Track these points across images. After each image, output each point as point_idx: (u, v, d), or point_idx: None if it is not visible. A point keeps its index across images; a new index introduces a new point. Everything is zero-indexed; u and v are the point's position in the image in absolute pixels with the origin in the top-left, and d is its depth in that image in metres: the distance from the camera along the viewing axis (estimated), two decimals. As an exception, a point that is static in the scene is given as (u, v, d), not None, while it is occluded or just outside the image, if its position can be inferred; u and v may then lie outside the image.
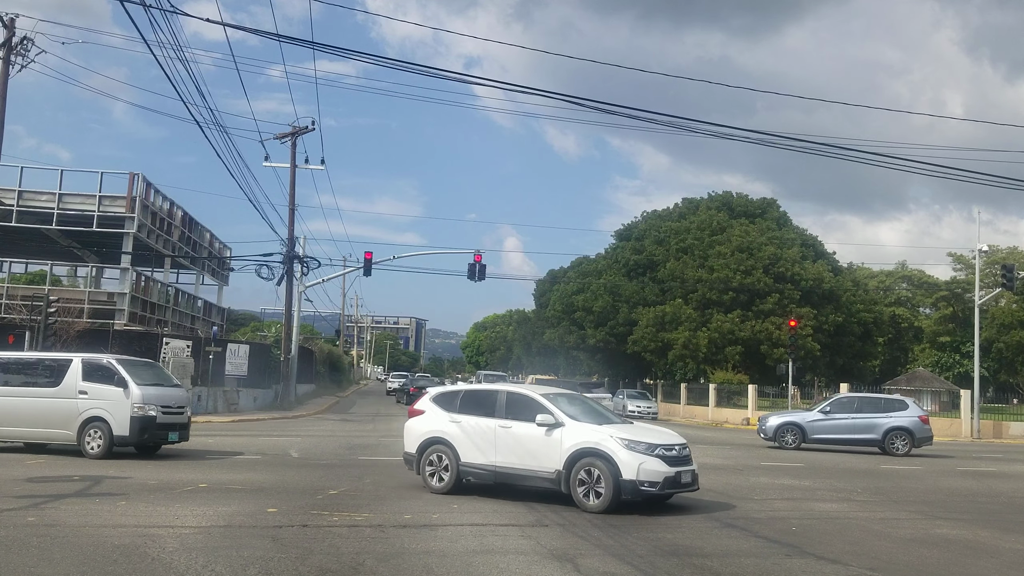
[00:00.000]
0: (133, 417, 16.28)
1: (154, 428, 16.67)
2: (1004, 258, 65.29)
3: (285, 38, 16.04)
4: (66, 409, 16.53)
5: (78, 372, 16.71)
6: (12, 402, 16.94)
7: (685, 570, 8.49)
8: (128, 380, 16.48)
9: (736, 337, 53.17)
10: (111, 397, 16.40)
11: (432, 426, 13.41)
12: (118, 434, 16.23)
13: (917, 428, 25.57)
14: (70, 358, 17.23)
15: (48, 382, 17.03)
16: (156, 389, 17.04)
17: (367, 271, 40.22)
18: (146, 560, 8.07)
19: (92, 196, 36.43)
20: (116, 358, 17.39)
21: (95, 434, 16.34)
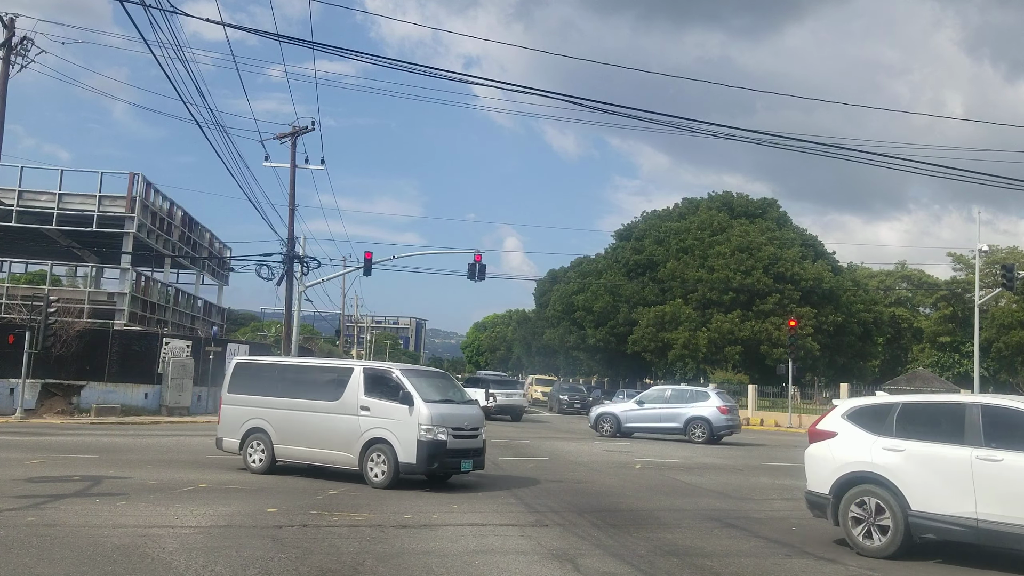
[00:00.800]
0: (420, 441, 13.48)
1: (444, 455, 13.75)
2: (1004, 258, 65.25)
3: (285, 38, 16.04)
4: (347, 428, 14.20)
5: (359, 384, 14.35)
6: (293, 416, 14.87)
7: (685, 570, 8.49)
8: (414, 395, 13.77)
9: (736, 337, 53.18)
10: (395, 415, 13.78)
11: (854, 455, 9.84)
12: (403, 461, 13.54)
13: (715, 418, 27.13)
14: (351, 367, 14.93)
15: (328, 395, 14.64)
16: (446, 407, 14.21)
17: (367, 271, 40.15)
18: (146, 560, 8.07)
19: (92, 196, 36.41)
20: (400, 368, 14.82)
21: (378, 459, 13.80)
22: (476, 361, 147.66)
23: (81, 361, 29.13)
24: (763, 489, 15.39)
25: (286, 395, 15.08)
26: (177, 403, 30.08)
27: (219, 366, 33.38)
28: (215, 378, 33.10)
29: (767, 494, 14.75)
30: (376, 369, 14.73)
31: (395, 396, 13.85)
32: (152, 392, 30.32)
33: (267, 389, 15.39)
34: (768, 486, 15.96)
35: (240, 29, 18.60)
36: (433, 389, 14.45)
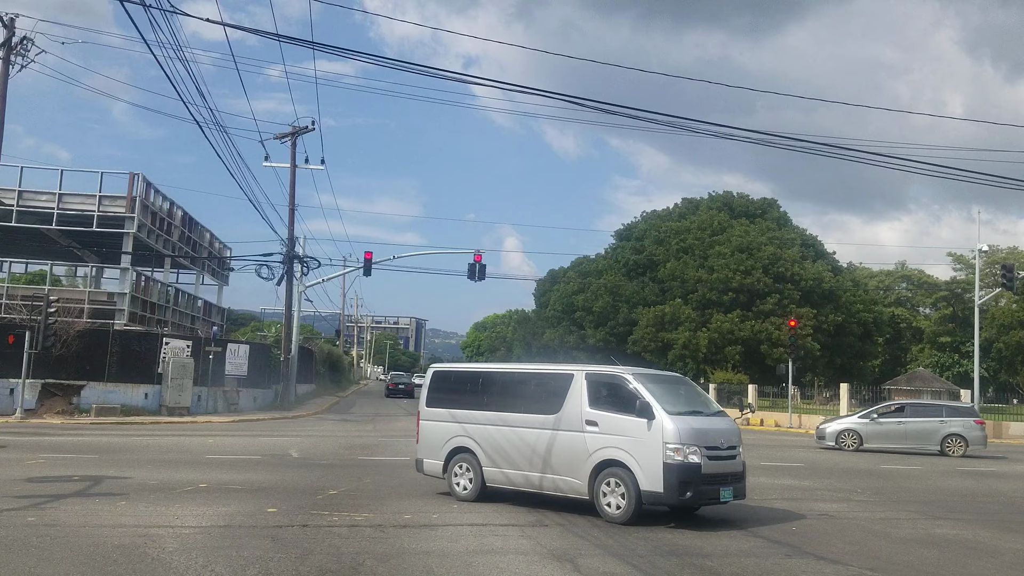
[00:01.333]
0: (667, 464, 10.80)
1: (699, 482, 10.96)
2: (1004, 258, 65.27)
3: (285, 38, 16.04)
4: (570, 447, 11.72)
5: (582, 393, 11.85)
6: (504, 434, 12.51)
7: (685, 570, 8.49)
8: (653, 406, 11.12)
9: (736, 337, 53.20)
10: (630, 432, 11.21)
11: None
12: (647, 489, 10.88)
13: None
14: (570, 372, 12.42)
15: (544, 407, 12.22)
16: (695, 420, 11.45)
17: (367, 271, 40.22)
18: (146, 560, 8.07)
19: (92, 196, 36.41)
20: (633, 372, 12.06)
21: (614, 486, 11.21)
22: (476, 361, 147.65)
23: (81, 361, 29.13)
24: (763, 489, 15.39)
25: (494, 408, 12.78)
26: (177, 403, 30.08)
27: (219, 366, 33.40)
28: (215, 378, 33.12)
29: (767, 494, 14.75)
30: (603, 374, 12.21)
31: (629, 407, 11.28)
32: (152, 392, 30.32)
33: (471, 401, 13.14)
34: (768, 486, 15.96)
35: (240, 29, 18.61)
36: (675, 398, 11.86)
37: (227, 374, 34.07)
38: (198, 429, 26.05)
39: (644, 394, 11.27)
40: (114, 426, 25.92)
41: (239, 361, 34.94)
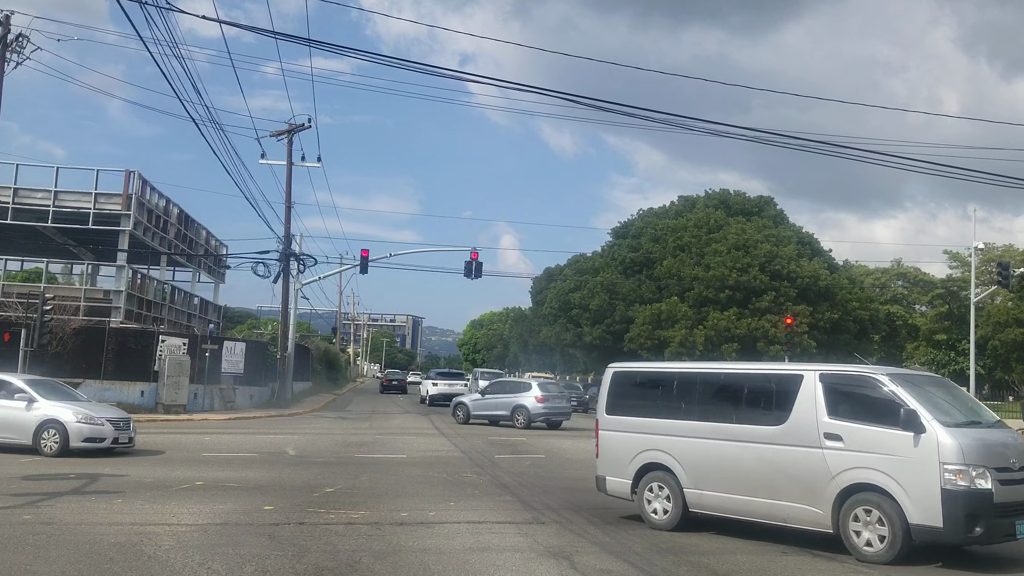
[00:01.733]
0: (947, 491, 8.56)
1: (991, 513, 8.67)
2: (1000, 256, 65.41)
3: (281, 35, 16.03)
4: (803, 467, 9.54)
5: (817, 398, 9.64)
6: (710, 449, 10.48)
7: (682, 567, 8.51)
8: (923, 416, 8.86)
9: (732, 335, 53.24)
10: (891, 448, 8.94)
11: None
12: (918, 523, 8.68)
13: (532, 406, 29.93)
14: (799, 372, 10.19)
15: (764, 415, 10.16)
16: (977, 433, 9.22)
17: (364, 269, 40.21)
18: (142, 558, 8.07)
19: (88, 193, 36.32)
20: (887, 372, 9.81)
21: (869, 518, 9.00)
22: (473, 359, 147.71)
23: (77, 359, 29.07)
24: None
25: (696, 417, 10.71)
26: (174, 401, 30.04)
27: (215, 364, 33.35)
28: (212, 376, 33.08)
29: (763, 491, 14.75)
30: (845, 375, 10.04)
31: (887, 417, 9.06)
32: (148, 390, 30.28)
33: (666, 408, 11.12)
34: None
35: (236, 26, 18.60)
36: (943, 403, 9.57)
37: (223, 372, 34.03)
38: (194, 427, 26.04)
39: (908, 399, 9.01)
40: (110, 424, 25.86)
41: (236, 359, 34.90)
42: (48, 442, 16.28)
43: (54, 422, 16.32)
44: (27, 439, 16.32)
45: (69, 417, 16.39)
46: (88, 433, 16.34)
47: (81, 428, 16.34)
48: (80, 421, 16.37)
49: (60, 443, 16.20)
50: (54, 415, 16.41)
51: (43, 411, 16.44)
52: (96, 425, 16.46)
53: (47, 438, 16.31)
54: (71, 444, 16.20)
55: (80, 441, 16.27)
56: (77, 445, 16.25)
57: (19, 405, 16.46)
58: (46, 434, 16.30)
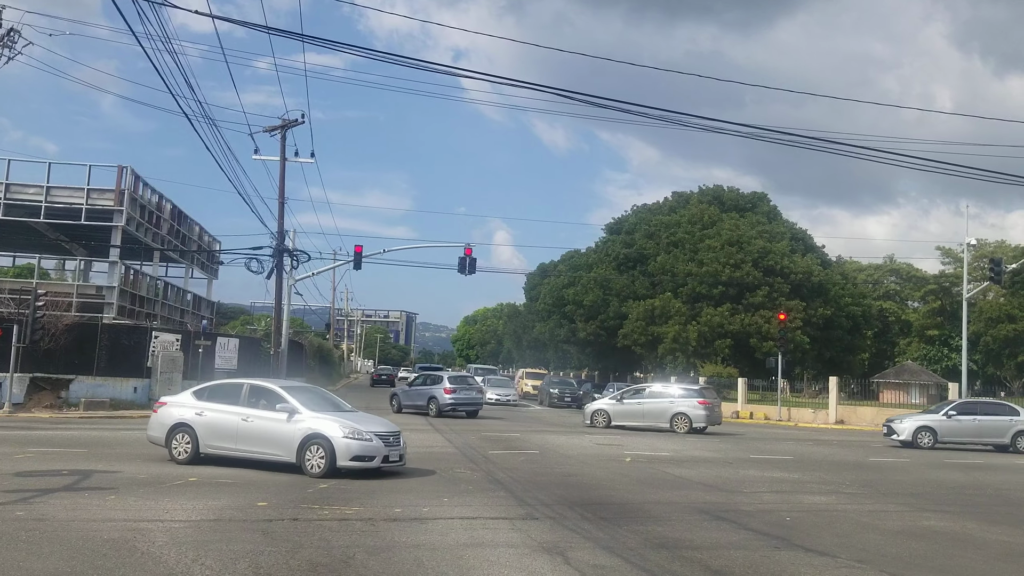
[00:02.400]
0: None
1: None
2: (992, 252, 65.58)
3: (275, 31, 15.98)
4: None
5: None
6: None
7: (675, 563, 8.52)
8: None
9: (726, 330, 53.33)
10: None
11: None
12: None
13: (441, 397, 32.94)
14: None
15: None
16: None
17: (357, 264, 40.11)
18: (135, 554, 8.05)
19: (80, 189, 36.22)
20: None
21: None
22: (467, 355, 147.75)
23: (70, 355, 28.98)
24: (752, 482, 15.47)
25: None
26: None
27: (208, 360, 33.31)
28: (205, 372, 33.01)
29: (756, 487, 14.82)
30: None
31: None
32: (141, 386, 30.22)
33: None
34: (757, 479, 16.03)
35: (229, 21, 18.54)
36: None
37: (217, 368, 33.98)
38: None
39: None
40: (103, 420, 25.82)
41: (229, 355, 34.87)
42: (313, 460, 14.03)
43: (319, 437, 14.06)
44: (290, 456, 14.22)
45: (335, 431, 14.08)
46: (357, 450, 14.03)
47: (349, 444, 14.01)
48: (348, 436, 14.05)
49: (326, 462, 13.91)
50: (319, 429, 14.15)
51: (306, 424, 14.23)
52: (364, 441, 14.15)
53: (312, 456, 14.06)
54: (338, 463, 13.89)
55: (348, 460, 13.94)
56: (344, 464, 13.94)
57: (280, 417, 14.35)
58: (311, 451, 14.08)
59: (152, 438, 15.59)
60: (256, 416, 14.51)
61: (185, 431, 14.95)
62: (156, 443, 15.45)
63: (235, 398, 14.93)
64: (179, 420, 15.00)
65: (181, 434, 14.98)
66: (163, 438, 15.21)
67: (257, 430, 14.44)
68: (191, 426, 14.89)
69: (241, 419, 14.53)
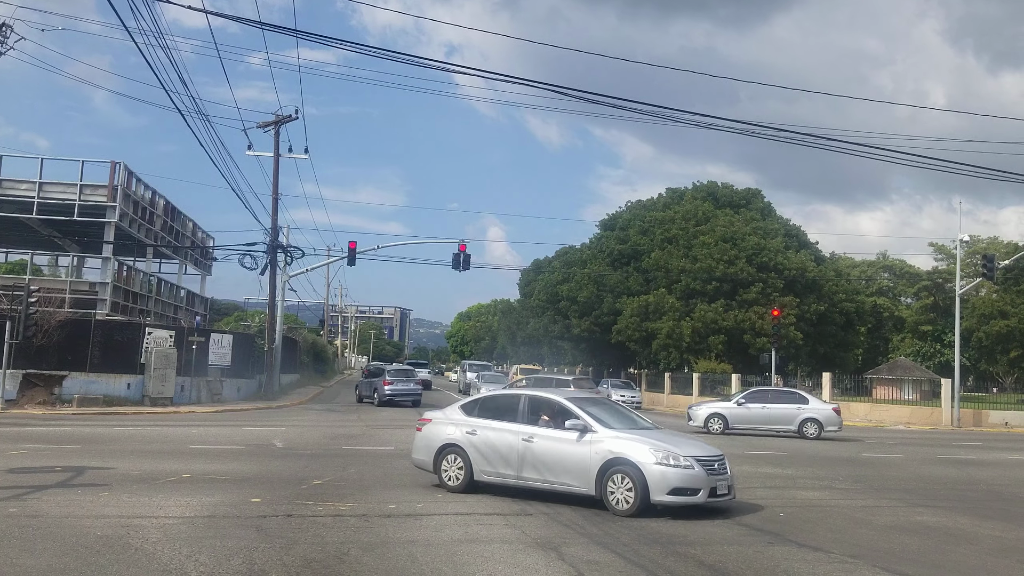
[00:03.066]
0: None
1: None
2: (985, 248, 65.80)
3: (268, 26, 15.94)
4: None
5: None
6: None
7: (669, 558, 8.54)
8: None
9: (719, 326, 53.40)
10: None
11: None
12: None
13: (379, 388, 37.66)
14: None
15: None
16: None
17: (351, 261, 40.11)
18: (129, 551, 8.04)
19: (73, 185, 36.06)
20: None
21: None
22: (461, 351, 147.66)
23: (63, 351, 28.90)
24: (745, 477, 15.50)
25: None
26: (160, 393, 29.94)
27: (202, 356, 33.23)
28: (198, 368, 32.97)
29: (750, 482, 14.85)
30: None
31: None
32: (135, 382, 30.15)
33: None
34: (751, 474, 16.07)
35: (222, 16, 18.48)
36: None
37: (210, 364, 33.92)
38: (181, 419, 25.94)
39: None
40: (96, 416, 25.78)
41: (222, 351, 34.79)
42: (618, 493, 11.08)
43: (624, 463, 11.18)
44: (587, 486, 11.38)
45: (645, 455, 11.14)
46: (676, 480, 10.97)
47: (665, 473, 10.98)
48: (662, 462, 11.04)
49: (636, 496, 10.91)
50: (622, 452, 11.28)
51: (605, 446, 11.42)
52: (684, 468, 11.09)
53: (616, 487, 11.13)
54: (652, 497, 10.90)
55: (664, 493, 10.93)
56: (661, 499, 10.96)
57: (569, 437, 11.68)
58: (614, 481, 11.15)
59: (418, 462, 13.30)
60: (541, 436, 11.95)
61: (456, 453, 12.62)
62: (422, 467, 13.18)
63: (512, 413, 12.54)
64: (448, 440, 12.74)
65: (452, 456, 12.66)
66: (430, 461, 12.90)
67: (543, 453, 11.85)
68: (462, 447, 12.57)
69: (522, 439, 12.03)
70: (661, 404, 51.78)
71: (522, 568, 7.92)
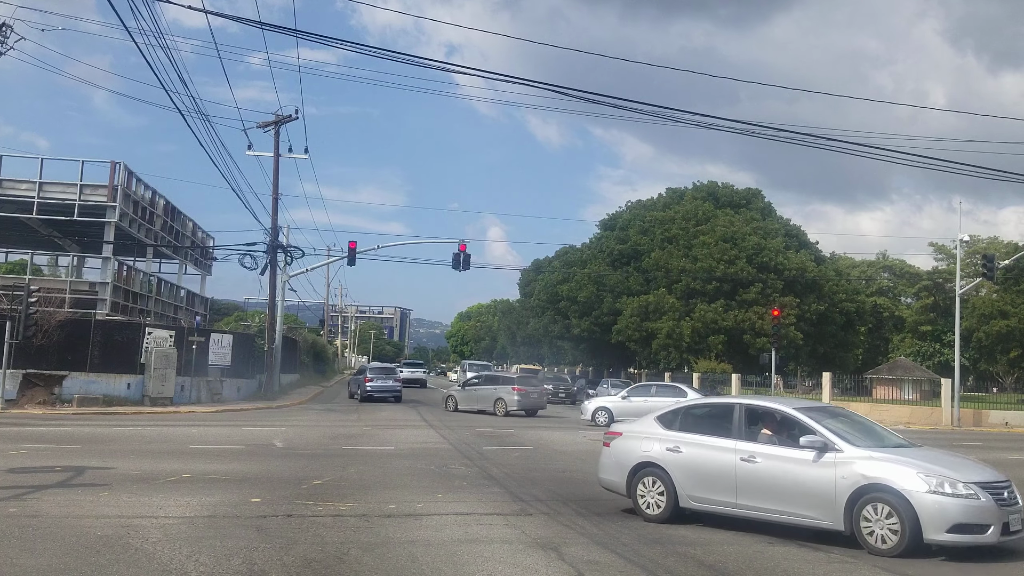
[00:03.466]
0: None
1: None
2: (985, 248, 65.81)
3: (268, 26, 15.94)
4: None
5: None
6: None
7: (669, 558, 8.54)
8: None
9: (719, 326, 53.45)
10: None
11: None
12: None
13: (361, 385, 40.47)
14: None
15: None
16: None
17: (351, 260, 40.10)
18: (129, 551, 8.04)
19: (73, 185, 36.05)
20: None
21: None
22: (461, 351, 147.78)
23: (62, 351, 28.89)
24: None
25: None
26: (160, 393, 29.93)
27: (202, 356, 33.22)
28: (198, 368, 32.95)
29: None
30: None
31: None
32: (135, 382, 30.14)
33: None
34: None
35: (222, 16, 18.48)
36: None
37: (210, 364, 33.91)
38: (181, 419, 25.94)
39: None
40: (96, 416, 25.78)
41: (222, 351, 34.78)
42: (877, 528, 8.94)
43: (883, 490, 8.98)
44: (832, 519, 9.30)
45: (911, 481, 8.90)
46: (957, 514, 8.72)
47: (941, 505, 8.74)
48: (936, 491, 8.78)
49: (903, 532, 8.76)
50: (879, 476, 9.07)
51: (854, 468, 9.23)
52: (966, 499, 8.77)
53: (874, 520, 8.97)
54: (925, 535, 8.73)
55: (942, 531, 8.71)
56: (937, 538, 8.76)
57: (804, 457, 9.59)
58: (870, 512, 9.00)
59: (606, 483, 11.50)
60: (765, 454, 9.95)
61: (655, 474, 10.73)
62: (612, 489, 11.37)
63: (724, 427, 10.52)
64: (644, 458, 10.90)
65: (650, 478, 10.77)
66: (623, 483, 11.07)
67: (769, 477, 9.83)
68: (663, 467, 10.65)
69: (740, 459, 10.05)
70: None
71: (522, 568, 7.92)
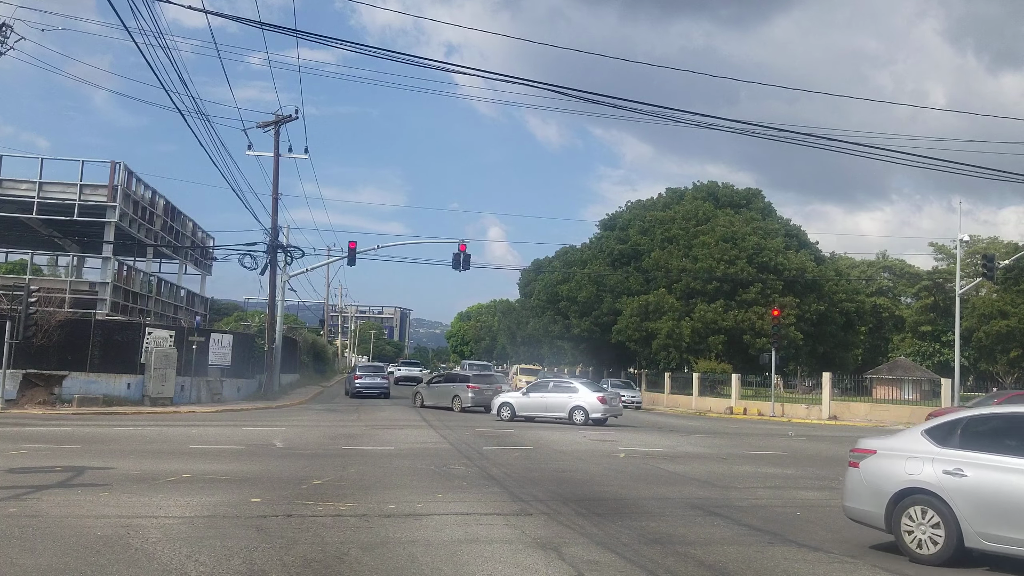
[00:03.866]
0: None
1: None
2: (985, 248, 65.79)
3: (268, 26, 15.94)
4: None
5: None
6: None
7: (669, 558, 8.54)
8: None
9: (719, 326, 53.43)
10: None
11: None
12: None
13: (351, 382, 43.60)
14: None
15: None
16: None
17: (351, 260, 40.12)
18: (129, 550, 8.04)
19: (73, 185, 36.08)
20: None
21: None
22: (461, 351, 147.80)
23: (63, 351, 28.91)
24: (746, 478, 15.50)
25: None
26: (160, 393, 29.94)
27: (202, 356, 33.23)
28: (199, 368, 32.97)
29: (750, 483, 14.85)
30: None
31: None
32: (135, 382, 30.15)
33: None
34: (751, 474, 16.07)
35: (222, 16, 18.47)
36: None
37: (210, 364, 33.92)
38: (181, 419, 25.95)
39: None
40: (96, 416, 25.79)
41: (222, 351, 34.79)
42: None
43: None
44: None
45: None
46: None
47: None
48: None
49: None
50: None
51: None
52: None
53: None
54: None
55: None
56: None
57: None
58: None
59: (854, 512, 9.37)
60: None
61: (928, 504, 8.50)
62: (863, 521, 9.32)
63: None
64: (912, 483, 8.68)
65: (921, 508, 8.56)
66: (880, 514, 8.91)
67: None
68: (939, 495, 8.40)
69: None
70: (661, 404, 51.76)
71: (522, 568, 7.92)
